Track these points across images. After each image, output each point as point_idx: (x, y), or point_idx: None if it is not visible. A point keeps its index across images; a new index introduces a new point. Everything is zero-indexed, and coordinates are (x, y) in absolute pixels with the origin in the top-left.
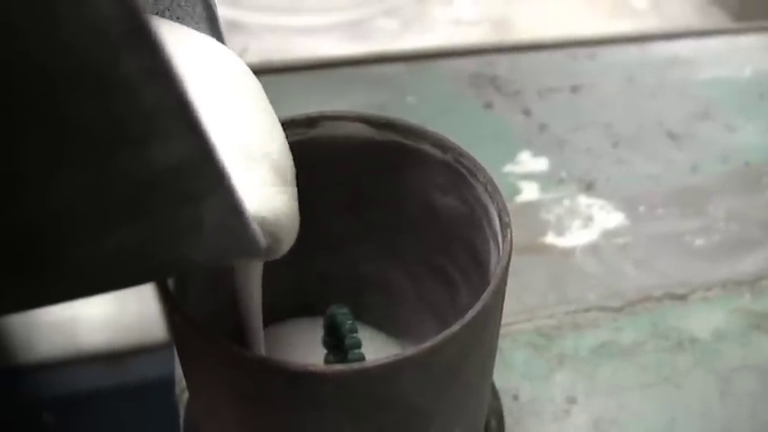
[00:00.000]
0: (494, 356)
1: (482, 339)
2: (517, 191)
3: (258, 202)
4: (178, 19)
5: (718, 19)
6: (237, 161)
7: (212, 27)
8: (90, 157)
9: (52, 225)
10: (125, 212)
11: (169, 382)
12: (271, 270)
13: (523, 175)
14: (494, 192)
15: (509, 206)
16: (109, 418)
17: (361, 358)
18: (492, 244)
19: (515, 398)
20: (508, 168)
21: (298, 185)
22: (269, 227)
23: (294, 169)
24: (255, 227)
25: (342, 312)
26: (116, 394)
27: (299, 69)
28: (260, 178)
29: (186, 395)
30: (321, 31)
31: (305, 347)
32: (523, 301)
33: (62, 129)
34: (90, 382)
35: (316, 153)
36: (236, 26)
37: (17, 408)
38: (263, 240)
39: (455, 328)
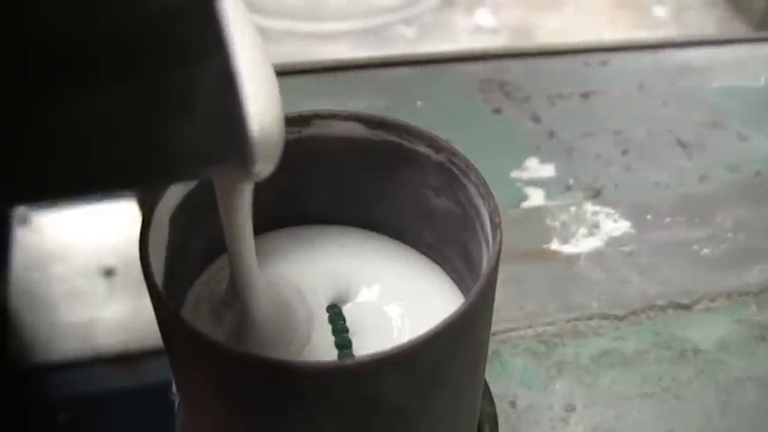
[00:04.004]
0: (484, 358)
1: (470, 339)
2: (523, 197)
3: (251, 103)
4: None
5: (740, 29)
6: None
7: None
8: None
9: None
10: (115, 58)
11: None
12: None
13: (530, 181)
14: (486, 193)
15: (515, 212)
16: (124, 419)
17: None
18: (484, 246)
19: (513, 404)
20: (515, 174)
21: (291, 185)
22: (258, 130)
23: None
24: (248, 112)
25: (333, 312)
26: (131, 395)
27: (307, 72)
28: (254, 82)
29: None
30: (340, 38)
31: (297, 258)
32: (525, 307)
33: None
34: (106, 384)
35: (308, 152)
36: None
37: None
38: (253, 137)
39: (438, 327)
